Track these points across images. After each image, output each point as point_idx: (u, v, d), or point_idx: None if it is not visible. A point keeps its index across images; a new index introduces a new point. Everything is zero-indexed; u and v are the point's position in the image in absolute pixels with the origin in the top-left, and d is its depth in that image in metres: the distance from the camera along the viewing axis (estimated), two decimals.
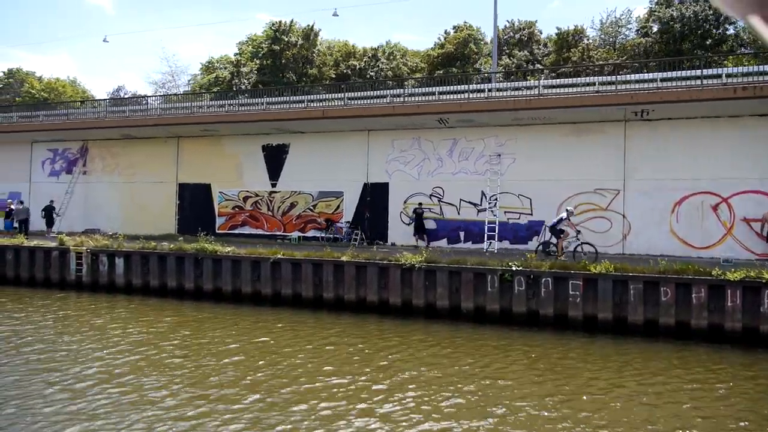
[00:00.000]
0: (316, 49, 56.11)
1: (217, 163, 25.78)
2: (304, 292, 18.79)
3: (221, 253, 19.95)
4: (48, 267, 22.22)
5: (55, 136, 28.94)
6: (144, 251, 20.88)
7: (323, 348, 13.93)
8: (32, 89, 63.50)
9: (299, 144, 24.39)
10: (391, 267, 17.77)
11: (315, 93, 25.42)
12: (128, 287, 20.97)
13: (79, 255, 21.67)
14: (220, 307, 18.92)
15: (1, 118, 31.45)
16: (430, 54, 50.77)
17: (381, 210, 22.97)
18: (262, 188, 24.93)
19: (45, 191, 28.88)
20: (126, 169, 27.72)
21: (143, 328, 16.06)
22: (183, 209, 26.49)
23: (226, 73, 55.94)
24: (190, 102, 26.67)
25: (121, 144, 27.83)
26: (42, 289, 21.87)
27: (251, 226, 25.00)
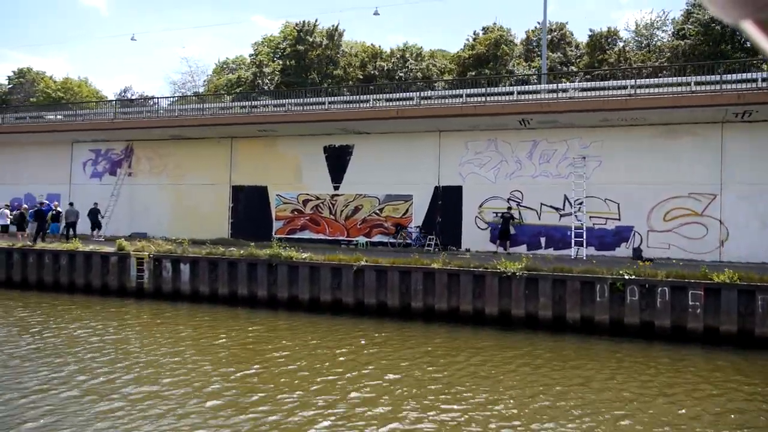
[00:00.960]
0: (340, 50, 55.23)
1: (274, 165, 24.79)
2: (389, 301, 17.82)
3: (297, 259, 18.95)
4: (106, 273, 21.17)
5: (98, 136, 27.90)
6: (212, 257, 19.86)
7: (436, 363, 12.92)
8: (47, 89, 62.25)
9: (364, 145, 23.43)
10: (488, 275, 16.83)
11: (380, 92, 24.44)
12: (194, 295, 19.95)
13: (140, 261, 20.61)
14: (298, 317, 17.98)
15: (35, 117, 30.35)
16: (461, 55, 49.92)
17: (453, 214, 22.03)
18: (323, 191, 23.94)
19: (86, 193, 27.79)
20: (175, 171, 26.68)
21: (235, 338, 15.03)
22: (237, 212, 25.46)
23: (248, 74, 54.79)
24: (245, 101, 25.63)
25: (169, 144, 26.80)
26: (99, 297, 20.86)
27: (312, 230, 24.00)
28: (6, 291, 21.83)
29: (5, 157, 30.34)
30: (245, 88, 52.48)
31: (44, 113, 31.06)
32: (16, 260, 22.41)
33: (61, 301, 20.03)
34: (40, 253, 22.13)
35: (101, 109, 29.95)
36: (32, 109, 33.69)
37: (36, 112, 31.48)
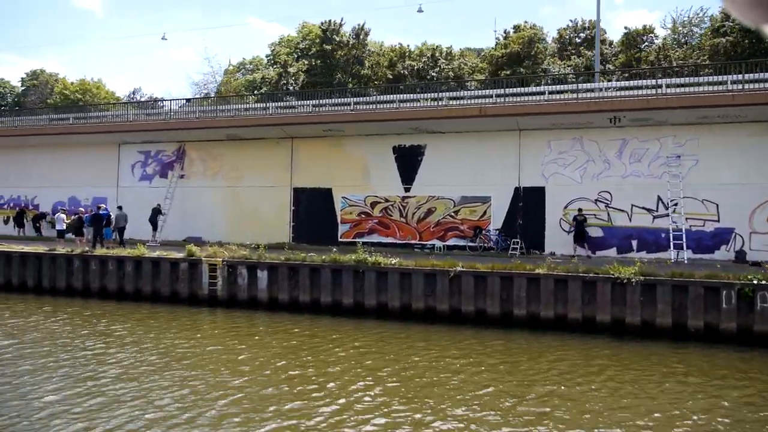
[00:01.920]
0: (366, 50, 54.37)
1: (338, 166, 23.86)
2: (489, 308, 16.90)
3: (386, 265, 18.00)
4: (175, 281, 20.20)
5: (147, 137, 26.92)
6: (292, 263, 18.91)
7: (579, 379, 12.01)
8: (65, 90, 61.15)
9: (437, 145, 22.53)
10: (600, 281, 15.92)
11: (455, 90, 23.52)
12: (272, 303, 19.01)
13: (212, 267, 19.66)
14: (389, 325, 17.08)
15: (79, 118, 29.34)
16: (493, 54, 49.07)
17: (535, 216, 21.15)
18: (393, 193, 23.02)
19: (135, 196, 26.85)
20: (231, 173, 25.72)
21: (343, 348, 14.08)
22: (299, 216, 24.51)
23: (273, 74, 53.79)
24: (306, 100, 24.69)
25: (225, 145, 25.84)
26: (168, 305, 19.83)
27: (381, 234, 23.07)
28: (68, 299, 20.86)
29: (48, 160, 29.38)
30: (270, 88, 51.52)
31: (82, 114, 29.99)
32: (77, 267, 21.43)
33: (132, 310, 19.08)
34: (102, 259, 21.15)
35: (149, 109, 28.84)
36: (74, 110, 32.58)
37: (78, 113, 30.39)
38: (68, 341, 15.05)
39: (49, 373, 11.93)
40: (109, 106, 31.85)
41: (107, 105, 32.69)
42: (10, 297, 21.41)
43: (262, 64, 70.08)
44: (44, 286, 21.88)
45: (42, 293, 21.74)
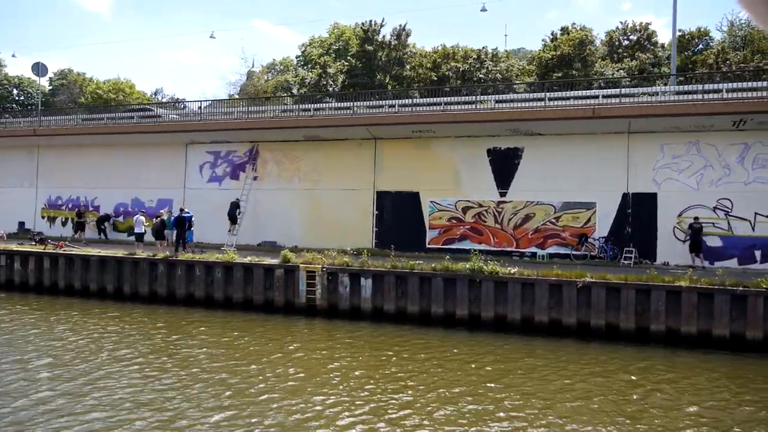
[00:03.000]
0: (408, 50, 53.45)
1: (426, 169, 22.85)
2: (623, 323, 15.82)
3: (505, 274, 16.93)
4: (269, 288, 19.14)
5: (217, 137, 25.94)
6: (400, 271, 17.91)
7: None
8: (98, 90, 60.37)
9: (536, 147, 21.49)
10: (751, 296, 14.79)
11: (552, 90, 22.46)
12: (377, 313, 17.95)
13: (311, 274, 18.61)
14: (510, 339, 16.10)
15: (143, 117, 28.41)
16: (541, 56, 48.02)
17: (646, 224, 20.06)
18: (487, 197, 21.99)
19: (203, 199, 25.91)
20: (308, 175, 24.73)
21: (469, 363, 13.00)
22: (382, 221, 23.49)
23: (313, 74, 52.82)
24: (391, 99, 23.68)
25: (302, 146, 24.84)
26: (260, 314, 18.83)
27: (473, 240, 22.03)
28: (151, 306, 19.91)
29: (110, 160, 28.49)
30: (309, 89, 50.60)
31: (142, 113, 29.07)
32: (161, 272, 20.43)
33: (225, 319, 18.13)
34: (189, 264, 20.14)
35: (219, 108, 27.88)
36: (135, 109, 31.70)
37: (139, 112, 29.49)
38: (183, 354, 14.04)
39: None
40: (166, 106, 30.78)
41: (170, 104, 31.69)
42: (88, 303, 20.47)
43: (292, 65, 69.20)
44: (125, 292, 20.89)
45: (122, 299, 20.75)
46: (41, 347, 14.39)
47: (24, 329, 16.34)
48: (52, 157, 29.91)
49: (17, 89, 73.02)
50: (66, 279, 21.83)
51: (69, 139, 28.68)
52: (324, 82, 51.35)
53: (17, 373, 12.04)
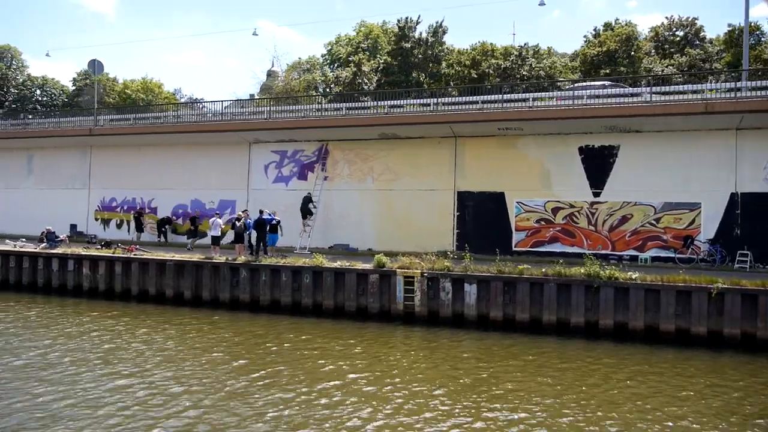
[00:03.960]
0: (445, 47, 52.53)
1: (512, 168, 21.89)
2: (760, 331, 14.75)
3: (625, 279, 15.91)
4: (362, 294, 18.24)
5: (283, 135, 25.00)
6: (507, 276, 16.98)
7: None
8: (127, 89, 59.61)
9: (633, 145, 20.51)
10: None
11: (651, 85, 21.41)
12: (482, 321, 16.97)
13: (409, 280, 17.62)
14: (632, 348, 15.08)
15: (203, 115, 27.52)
16: (585, 53, 46.93)
17: (759, 226, 18.95)
18: (579, 198, 21.00)
19: (268, 200, 25.01)
20: (382, 175, 23.81)
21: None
22: (464, 222, 22.53)
23: (348, 73, 51.83)
24: (470, 95, 22.71)
25: (376, 145, 23.92)
26: (353, 321, 17.89)
27: (564, 243, 21.06)
28: (234, 313, 18.99)
29: (168, 160, 27.68)
30: (345, 87, 49.67)
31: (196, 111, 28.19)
32: (244, 277, 19.47)
33: (314, 326, 17.20)
34: (274, 269, 19.19)
35: (284, 106, 26.95)
36: (186, 107, 30.81)
37: (195, 111, 28.61)
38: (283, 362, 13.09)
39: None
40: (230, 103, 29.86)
41: (230, 102, 30.76)
42: (166, 310, 19.54)
43: (318, 64, 68.33)
44: (204, 298, 19.95)
45: (201, 305, 19.82)
46: (139, 356, 13.47)
47: (118, 338, 15.43)
48: (105, 157, 29.07)
49: (41, 90, 72.50)
50: (140, 284, 20.92)
51: (124, 138, 27.84)
52: (359, 80, 50.44)
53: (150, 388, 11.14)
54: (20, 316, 18.45)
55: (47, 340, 15.18)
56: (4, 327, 16.84)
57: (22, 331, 16.33)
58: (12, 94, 70.21)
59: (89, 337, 15.88)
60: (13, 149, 31.03)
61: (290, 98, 30.54)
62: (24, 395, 10.71)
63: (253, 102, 30.33)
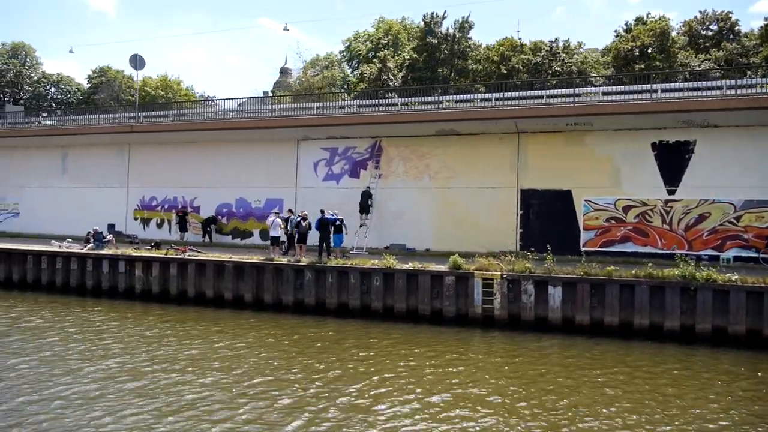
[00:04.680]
0: (471, 43, 51.75)
1: (579, 165, 21.15)
2: None
3: (725, 282, 15.14)
4: (436, 297, 17.56)
5: (333, 132, 24.22)
6: (594, 278, 16.24)
7: None
8: (146, 86, 58.78)
9: (710, 140, 19.77)
10: None
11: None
12: (567, 325, 16.25)
13: (488, 282, 16.86)
14: (736, 356, 14.19)
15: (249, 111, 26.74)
16: (618, 47, 46.03)
17: None
18: (652, 195, 20.28)
19: (317, 199, 24.28)
20: (441, 173, 23.06)
21: None
22: (527, 221, 21.76)
23: (373, 69, 50.96)
24: (532, 90, 21.90)
25: (432, 141, 23.17)
26: (427, 325, 17.21)
27: (637, 242, 20.30)
28: (299, 316, 18.20)
29: (211, 157, 26.97)
30: (370, 84, 48.87)
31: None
32: (309, 280, 18.72)
33: (387, 330, 16.50)
34: (342, 271, 18.46)
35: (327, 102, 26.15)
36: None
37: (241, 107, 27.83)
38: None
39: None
40: (283, 99, 28.97)
41: (281, 97, 29.99)
42: (228, 313, 18.82)
43: (336, 60, 67.62)
44: (266, 301, 19.20)
45: (263, 309, 19.07)
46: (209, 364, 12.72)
47: (200, 343, 14.67)
48: (145, 155, 28.32)
49: (55, 87, 71.75)
50: (196, 287, 20.16)
51: (166, 135, 27.06)
52: (385, 76, 49.62)
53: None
54: (84, 320, 17.73)
55: (125, 346, 14.45)
56: (72, 332, 16.11)
57: (91, 336, 15.58)
58: (27, 92, 69.51)
59: (167, 341, 15.18)
60: (47, 147, 30.30)
61: (339, 93, 29.64)
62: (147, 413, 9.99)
63: (303, 98, 29.49)
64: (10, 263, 23.13)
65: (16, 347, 14.40)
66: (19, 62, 70.06)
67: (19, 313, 18.60)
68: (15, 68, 68.80)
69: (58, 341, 15.05)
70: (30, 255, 22.71)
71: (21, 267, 22.89)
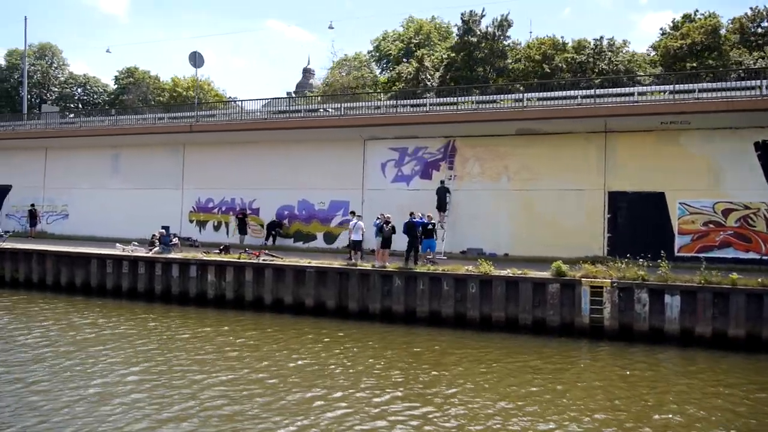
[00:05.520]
0: (510, 42, 50.74)
1: (673, 166, 20.17)
2: None
3: None
4: (537, 305, 16.54)
5: (403, 132, 23.32)
6: (717, 287, 15.15)
7: None
8: (177, 87, 58.15)
9: None
10: None
11: None
12: (686, 336, 15.27)
13: (596, 290, 15.86)
14: None
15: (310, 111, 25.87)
16: (668, 45, 44.85)
17: None
18: (755, 198, 19.32)
19: (386, 201, 23.44)
20: (520, 174, 22.07)
21: None
22: (616, 225, 20.77)
23: (410, 68, 50.04)
24: (621, 87, 20.87)
25: (510, 141, 22.24)
26: (529, 335, 16.29)
27: (738, 248, 19.31)
28: (390, 325, 17.28)
29: (271, 158, 26.10)
30: (407, 84, 47.94)
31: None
32: (398, 286, 17.81)
33: (485, 341, 15.52)
34: (433, 277, 17.51)
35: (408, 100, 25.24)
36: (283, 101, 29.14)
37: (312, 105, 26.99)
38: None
39: None
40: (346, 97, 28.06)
41: (346, 96, 29.11)
42: (300, 320, 17.95)
43: (365, 61, 66.78)
44: (350, 309, 18.29)
45: (347, 316, 18.16)
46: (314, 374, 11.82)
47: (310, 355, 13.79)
48: (201, 156, 27.50)
49: (81, 89, 71.40)
50: (273, 293, 19.28)
51: (224, 135, 26.24)
52: (423, 76, 48.71)
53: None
54: (167, 327, 16.91)
55: (227, 357, 13.56)
56: (165, 339, 15.30)
57: (188, 346, 14.75)
58: (53, 93, 69.15)
59: (271, 350, 14.37)
60: (97, 147, 29.55)
61: (411, 91, 28.73)
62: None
63: (369, 96, 28.59)
64: (73, 267, 22.37)
65: (123, 355, 13.66)
66: (46, 63, 69.74)
67: (95, 318, 17.86)
68: (42, 69, 68.44)
69: (155, 349, 14.29)
70: (95, 259, 21.94)
71: (84, 271, 22.12)
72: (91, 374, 12.10)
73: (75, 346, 14.49)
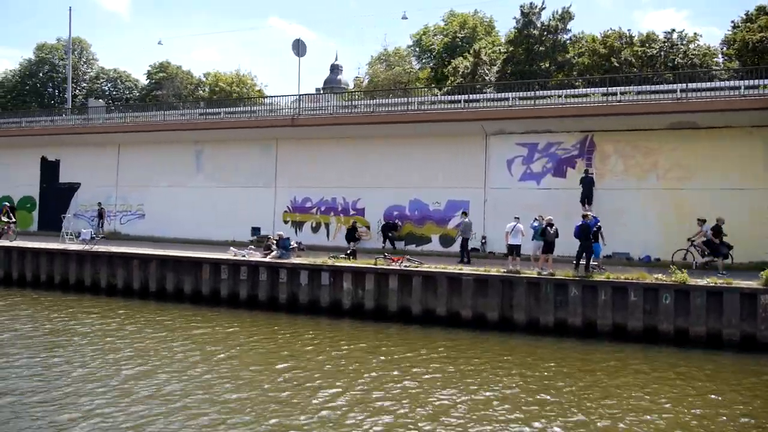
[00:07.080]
0: (570, 35, 49.10)
1: None
2: None
3: None
4: (745, 319, 14.67)
5: (535, 126, 21.52)
6: None
7: None
8: (220, 83, 56.28)
9: None
10: None
11: None
12: None
13: None
14: None
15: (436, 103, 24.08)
16: (744, 37, 43.04)
17: None
18: None
19: (512, 200, 21.66)
20: (671, 172, 20.43)
21: None
22: None
23: (466, 63, 48.34)
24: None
25: (659, 136, 20.53)
26: (731, 352, 14.41)
27: None
28: (559, 338, 15.46)
29: (380, 155, 24.41)
30: (465, 79, 46.10)
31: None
32: (574, 296, 16.15)
33: (690, 359, 13.68)
34: (618, 287, 15.77)
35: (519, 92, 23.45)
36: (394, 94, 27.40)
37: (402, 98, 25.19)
38: None
39: None
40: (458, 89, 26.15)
41: (464, 87, 27.25)
42: (456, 333, 16.13)
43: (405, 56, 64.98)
44: (517, 320, 16.54)
45: (513, 329, 16.37)
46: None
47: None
48: (296, 152, 25.73)
49: (112, 84, 69.68)
50: (422, 302, 17.49)
51: (325, 130, 24.45)
52: (481, 70, 46.95)
53: None
54: (307, 342, 15.02)
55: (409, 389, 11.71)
56: (321, 357, 13.37)
57: (349, 368, 12.83)
58: (83, 89, 67.34)
59: (451, 377, 12.43)
60: (178, 142, 27.75)
61: (540, 81, 26.89)
62: None
63: (494, 86, 26.78)
64: (180, 273, 20.57)
65: (270, 371, 11.77)
66: (75, 57, 67.91)
67: (216, 328, 16.03)
68: (72, 64, 66.62)
69: (315, 370, 12.42)
70: (206, 264, 20.12)
71: (194, 277, 20.31)
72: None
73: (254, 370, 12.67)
